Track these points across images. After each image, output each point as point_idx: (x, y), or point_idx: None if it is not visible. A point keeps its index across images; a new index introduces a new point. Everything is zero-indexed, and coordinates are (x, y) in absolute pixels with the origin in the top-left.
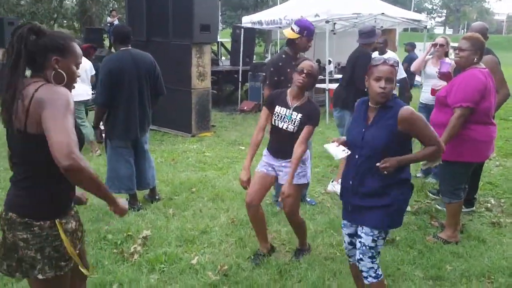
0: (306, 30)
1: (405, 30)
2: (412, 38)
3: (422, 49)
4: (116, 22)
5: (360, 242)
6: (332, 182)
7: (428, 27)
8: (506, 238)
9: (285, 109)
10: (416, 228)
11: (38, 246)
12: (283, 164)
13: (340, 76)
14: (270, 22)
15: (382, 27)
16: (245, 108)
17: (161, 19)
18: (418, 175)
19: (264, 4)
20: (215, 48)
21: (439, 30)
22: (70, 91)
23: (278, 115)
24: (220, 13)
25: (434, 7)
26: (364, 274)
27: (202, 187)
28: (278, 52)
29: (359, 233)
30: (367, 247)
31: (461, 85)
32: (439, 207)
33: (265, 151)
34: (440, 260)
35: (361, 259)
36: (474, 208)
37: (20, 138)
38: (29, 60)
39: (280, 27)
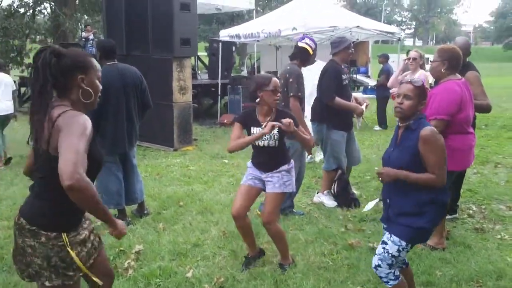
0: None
1: (376, 42)
2: (383, 50)
3: (396, 60)
4: (91, 36)
5: (383, 248)
6: (317, 193)
7: (401, 38)
8: (490, 243)
9: (261, 128)
10: None
11: (44, 255)
12: (270, 175)
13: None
14: (248, 36)
15: (357, 39)
16: (225, 121)
17: (140, 33)
18: None
19: (239, 18)
20: (192, 62)
21: (408, 42)
22: (95, 106)
23: None
24: None
25: (404, 19)
26: (384, 279)
27: (190, 200)
28: (289, 66)
29: (386, 239)
30: (390, 255)
31: (437, 98)
32: None
33: (249, 163)
34: (430, 266)
35: (379, 266)
36: (457, 215)
37: (44, 157)
38: (54, 83)
39: (258, 41)
